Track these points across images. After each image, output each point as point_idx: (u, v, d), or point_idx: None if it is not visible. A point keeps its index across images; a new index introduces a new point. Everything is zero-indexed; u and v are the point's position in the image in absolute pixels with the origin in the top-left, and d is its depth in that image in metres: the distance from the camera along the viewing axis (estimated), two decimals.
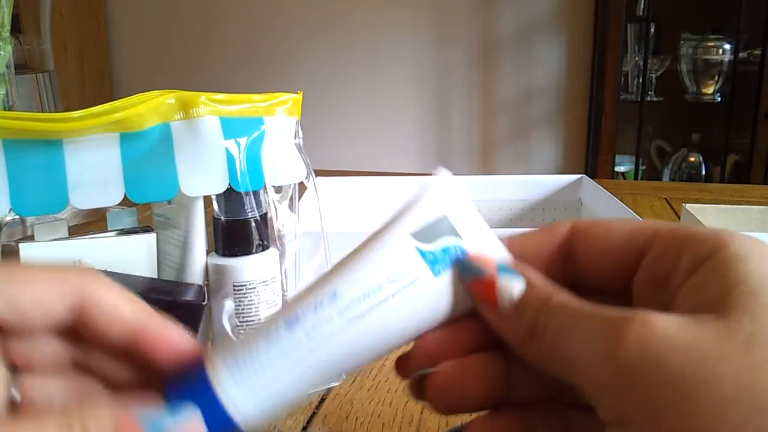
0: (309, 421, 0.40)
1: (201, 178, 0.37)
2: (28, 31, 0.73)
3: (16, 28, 0.66)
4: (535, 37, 2.16)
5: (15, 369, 0.23)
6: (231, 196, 0.39)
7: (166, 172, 0.37)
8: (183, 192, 0.37)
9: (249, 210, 0.39)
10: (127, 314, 0.23)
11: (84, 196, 0.36)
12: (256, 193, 0.39)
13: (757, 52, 1.88)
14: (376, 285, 0.24)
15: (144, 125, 0.36)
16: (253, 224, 0.39)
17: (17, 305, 0.22)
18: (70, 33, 2.15)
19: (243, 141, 0.38)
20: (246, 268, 0.39)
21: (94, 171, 0.35)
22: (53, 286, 0.22)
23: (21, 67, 0.72)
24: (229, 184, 0.38)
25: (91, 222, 0.60)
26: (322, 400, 0.42)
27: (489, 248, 0.25)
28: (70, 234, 0.38)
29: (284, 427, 0.39)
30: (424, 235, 0.25)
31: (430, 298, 0.24)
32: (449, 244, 0.24)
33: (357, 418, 0.40)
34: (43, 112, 0.82)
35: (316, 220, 0.44)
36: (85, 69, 2.22)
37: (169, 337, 0.24)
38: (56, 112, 0.34)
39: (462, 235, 0.24)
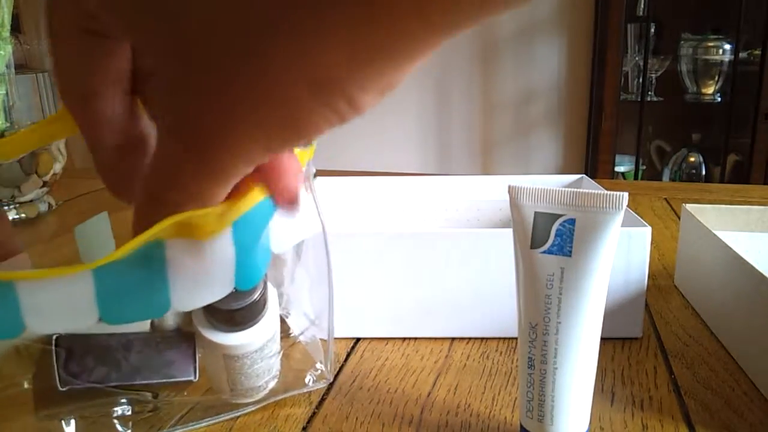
0: (309, 421, 0.40)
1: (200, 291, 0.29)
2: (28, 31, 0.73)
3: (16, 28, 0.66)
4: (535, 37, 2.16)
5: None
6: (233, 292, 0.31)
7: (155, 292, 0.28)
8: (175, 308, 0.29)
9: (250, 297, 0.35)
10: None
11: (44, 321, 0.27)
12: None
13: (757, 52, 1.88)
14: None
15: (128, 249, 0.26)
16: (249, 308, 0.35)
17: None
18: None
19: (251, 230, 0.29)
20: (243, 341, 0.36)
21: (58, 290, 0.27)
22: None
23: (21, 66, 0.72)
24: (234, 288, 0.30)
25: None
26: (322, 400, 0.42)
27: None
28: None
29: (284, 427, 0.39)
30: None
31: None
32: None
33: (357, 418, 0.40)
34: (42, 111, 0.82)
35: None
36: None
37: None
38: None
39: None
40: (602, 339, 0.34)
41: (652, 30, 1.99)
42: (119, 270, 0.27)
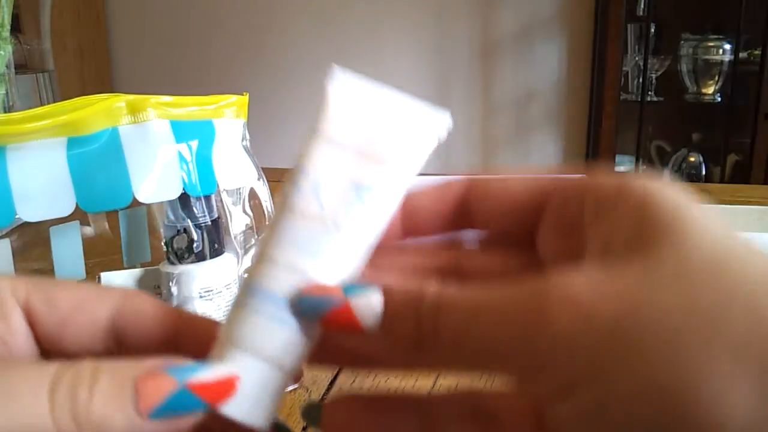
0: None
1: (155, 183, 0.36)
2: (28, 31, 0.73)
3: (16, 28, 0.66)
4: (535, 37, 2.16)
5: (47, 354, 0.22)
6: (185, 202, 0.38)
7: (119, 179, 0.35)
8: (137, 199, 0.36)
9: (202, 215, 0.38)
10: (165, 316, 0.22)
11: (32, 208, 0.33)
12: (208, 198, 0.39)
13: (757, 52, 1.88)
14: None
15: (91, 129, 0.35)
16: (208, 229, 0.39)
17: (56, 304, 0.21)
18: (70, 33, 2.15)
19: (194, 144, 0.38)
20: (203, 274, 0.38)
21: (41, 179, 0.33)
22: (97, 292, 0.22)
23: (21, 67, 0.72)
24: (183, 189, 0.37)
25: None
26: (322, 400, 0.42)
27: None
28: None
29: None
30: None
31: None
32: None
33: None
34: None
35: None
36: (85, 69, 2.22)
37: (208, 329, 0.22)
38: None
39: None
40: None
41: (652, 30, 1.99)
42: (87, 153, 0.34)
